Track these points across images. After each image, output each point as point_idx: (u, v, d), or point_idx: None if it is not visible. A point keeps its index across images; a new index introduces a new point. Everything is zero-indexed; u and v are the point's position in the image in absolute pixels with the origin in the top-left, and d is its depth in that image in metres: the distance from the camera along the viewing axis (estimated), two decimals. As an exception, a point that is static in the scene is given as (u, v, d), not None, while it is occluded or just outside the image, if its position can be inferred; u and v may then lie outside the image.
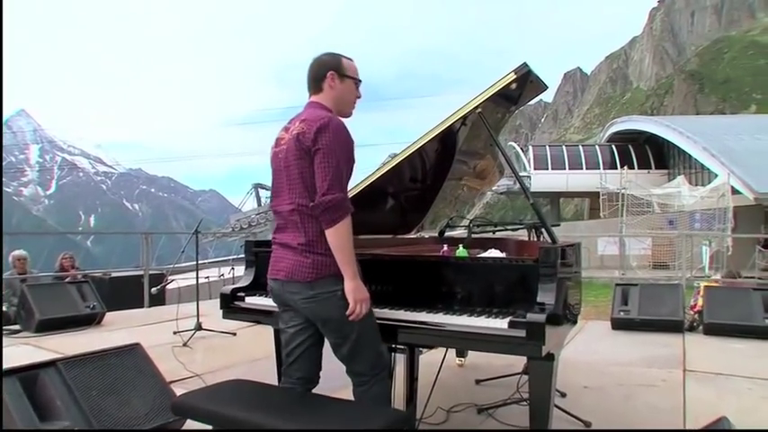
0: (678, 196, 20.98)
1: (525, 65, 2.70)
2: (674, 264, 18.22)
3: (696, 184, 23.76)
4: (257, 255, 3.19)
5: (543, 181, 30.49)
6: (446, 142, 3.73)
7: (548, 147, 33.93)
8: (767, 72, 71.88)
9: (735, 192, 19.21)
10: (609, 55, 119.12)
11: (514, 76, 2.68)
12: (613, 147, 30.95)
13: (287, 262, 2.25)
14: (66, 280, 8.24)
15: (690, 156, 25.04)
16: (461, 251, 2.52)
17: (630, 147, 30.43)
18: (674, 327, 5.68)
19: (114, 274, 9.60)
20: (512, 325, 2.09)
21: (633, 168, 28.96)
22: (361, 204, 3.55)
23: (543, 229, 3.08)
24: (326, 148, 2.12)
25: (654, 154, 29.83)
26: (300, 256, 2.19)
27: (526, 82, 2.83)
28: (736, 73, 75.38)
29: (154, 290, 5.77)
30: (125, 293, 8.86)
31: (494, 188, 36.54)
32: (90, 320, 6.53)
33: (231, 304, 3.07)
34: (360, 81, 2.41)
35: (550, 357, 2.30)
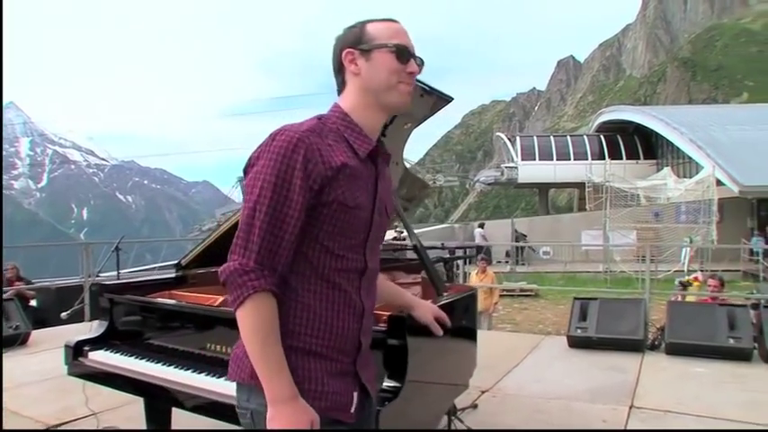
0: (664, 188, 20.58)
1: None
2: (660, 257, 17.88)
3: (684, 176, 23.37)
4: (113, 303, 2.73)
5: (530, 172, 30.04)
6: None
7: (535, 137, 33.40)
8: (759, 59, 71.58)
9: (720, 184, 18.82)
10: (602, 43, 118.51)
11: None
12: (602, 137, 30.47)
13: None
14: (9, 292, 7.82)
15: (678, 146, 24.64)
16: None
17: (619, 137, 29.96)
18: (633, 346, 5.26)
19: (60, 284, 9.12)
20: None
21: (621, 158, 28.55)
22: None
23: (456, 259, 2.65)
24: (248, 183, 1.32)
25: (642, 144, 29.37)
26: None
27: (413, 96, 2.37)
28: (728, 60, 75.06)
29: (64, 315, 5.29)
30: (72, 304, 8.42)
31: (482, 179, 36.13)
32: (12, 342, 6.08)
33: (75, 360, 2.62)
34: (404, 47, 1.41)
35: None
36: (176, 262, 3.09)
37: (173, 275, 3.07)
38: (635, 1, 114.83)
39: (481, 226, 22.78)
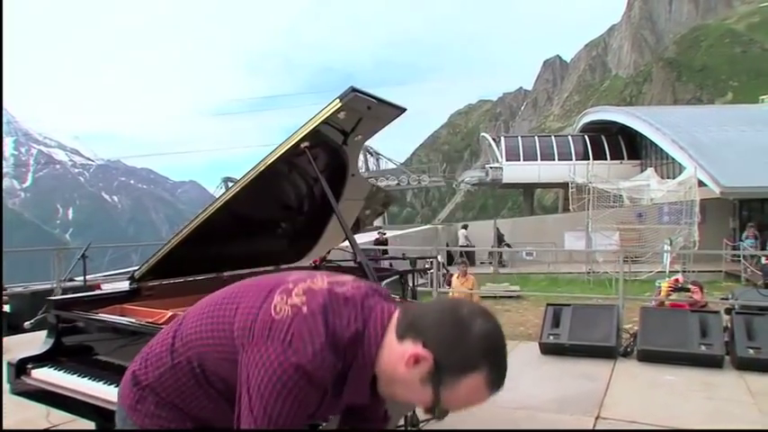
0: (647, 189, 20.66)
1: (351, 89, 2.20)
2: (643, 258, 17.98)
3: (668, 176, 23.48)
4: (59, 318, 2.66)
5: (515, 172, 30.09)
6: (333, 165, 3.28)
7: (519, 138, 33.45)
8: (743, 60, 72.43)
9: (702, 185, 18.93)
10: (588, 43, 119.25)
11: (339, 105, 2.19)
12: (586, 137, 30.57)
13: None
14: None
15: (661, 147, 24.78)
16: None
17: (603, 137, 30.04)
18: (605, 353, 5.24)
19: (34, 288, 8.97)
20: None
21: (606, 159, 28.67)
22: (220, 237, 3.07)
23: (413, 272, 2.61)
24: (257, 393, 1.14)
25: (626, 144, 29.48)
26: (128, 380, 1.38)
27: (359, 108, 2.32)
28: (713, 61, 75.86)
29: (28, 324, 5.16)
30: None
31: (466, 180, 36.13)
32: (-22, 350, 5.95)
33: (18, 378, 2.54)
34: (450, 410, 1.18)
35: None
36: (130, 274, 3.03)
37: (126, 289, 3.01)
38: (620, 1, 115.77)
39: (465, 227, 22.78)
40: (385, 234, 17.80)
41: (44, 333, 6.27)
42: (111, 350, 2.51)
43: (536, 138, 33.12)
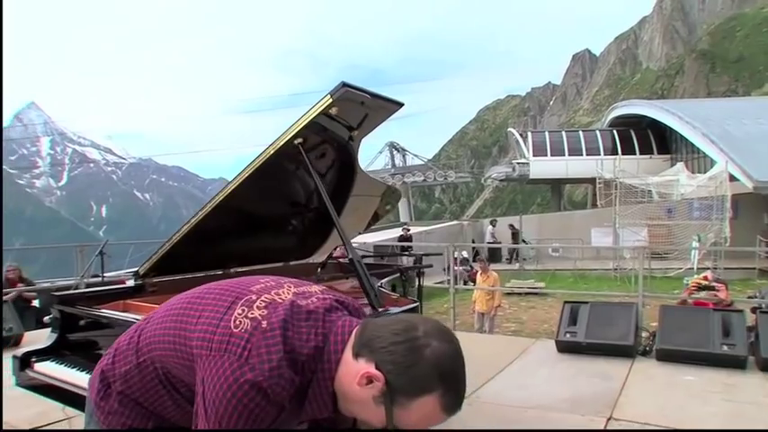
0: (676, 184, 20.19)
1: (342, 84, 2.17)
2: (672, 255, 17.61)
3: (699, 171, 22.88)
4: (63, 314, 2.70)
5: (542, 168, 29.72)
6: (342, 161, 3.28)
7: (546, 133, 32.96)
8: (781, 50, 70.15)
9: (734, 179, 18.41)
10: (618, 36, 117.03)
11: (330, 101, 2.16)
12: (615, 132, 30.02)
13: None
14: (11, 294, 7.94)
15: (692, 141, 24.19)
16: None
17: (632, 131, 29.45)
18: (623, 352, 5.12)
19: (61, 284, 9.19)
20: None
21: (635, 153, 28.14)
22: (222, 234, 3.09)
23: (415, 269, 2.58)
24: (213, 404, 1.12)
25: (656, 139, 28.82)
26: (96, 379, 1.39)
27: (354, 102, 2.29)
28: (749, 51, 73.68)
29: (47, 318, 5.28)
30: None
31: (493, 176, 35.78)
32: (5, 343, 6.12)
33: (22, 371, 2.59)
34: None
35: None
36: (134, 271, 3.06)
37: (131, 285, 3.04)
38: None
39: (493, 223, 22.53)
40: (409, 230, 17.82)
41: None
42: (110, 344, 2.54)
43: (563, 133, 32.59)
